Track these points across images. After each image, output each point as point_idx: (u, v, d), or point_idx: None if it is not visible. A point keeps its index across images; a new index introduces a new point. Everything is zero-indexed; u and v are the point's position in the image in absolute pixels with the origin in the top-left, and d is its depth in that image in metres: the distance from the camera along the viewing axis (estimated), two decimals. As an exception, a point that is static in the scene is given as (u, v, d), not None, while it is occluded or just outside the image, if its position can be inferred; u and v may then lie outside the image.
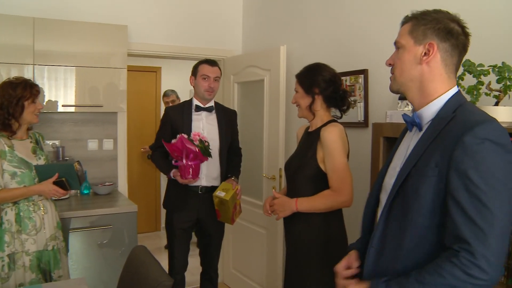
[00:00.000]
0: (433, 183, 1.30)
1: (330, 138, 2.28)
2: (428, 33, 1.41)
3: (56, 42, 3.36)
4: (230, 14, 4.51)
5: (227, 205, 2.99)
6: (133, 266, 2.09)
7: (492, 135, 1.24)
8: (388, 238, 1.42)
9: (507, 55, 2.08)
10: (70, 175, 2.70)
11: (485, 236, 1.19)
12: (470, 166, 1.22)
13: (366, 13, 3.01)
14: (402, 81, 1.47)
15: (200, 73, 3.15)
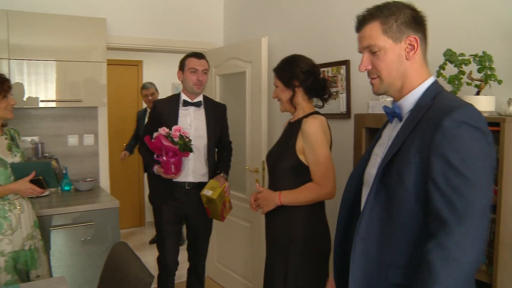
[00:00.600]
0: (415, 169, 1.32)
1: (311, 130, 2.26)
2: (403, 28, 1.41)
3: (33, 36, 3.28)
4: (211, 6, 4.46)
5: (214, 204, 2.97)
6: (113, 263, 2.06)
7: (470, 119, 1.27)
8: (374, 227, 1.42)
9: (487, 44, 2.09)
10: (47, 173, 2.65)
11: (464, 216, 1.22)
12: (450, 149, 1.25)
13: (347, 3, 2.99)
14: (390, 82, 1.46)
15: (188, 67, 3.09)
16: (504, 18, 2.08)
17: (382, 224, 1.40)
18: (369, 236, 1.43)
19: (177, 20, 4.25)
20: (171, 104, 3.17)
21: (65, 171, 3.70)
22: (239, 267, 4.06)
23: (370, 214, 1.43)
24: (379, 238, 1.41)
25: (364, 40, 1.46)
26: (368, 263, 1.43)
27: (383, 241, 1.40)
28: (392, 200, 1.38)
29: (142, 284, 1.75)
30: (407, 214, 1.35)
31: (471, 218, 1.22)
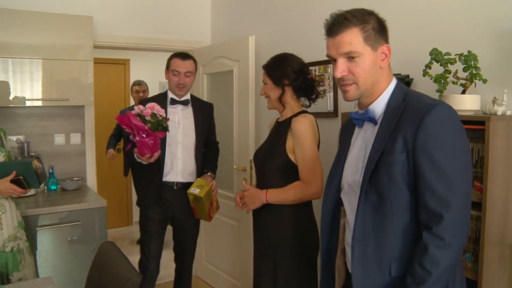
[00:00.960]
0: (402, 166, 1.40)
1: (300, 129, 2.26)
2: (378, 37, 1.47)
3: (18, 34, 3.25)
4: (198, 5, 4.44)
5: (202, 202, 2.92)
6: (101, 263, 2.05)
7: (448, 116, 1.38)
8: (368, 228, 1.47)
9: (473, 44, 2.11)
10: (27, 173, 2.59)
11: (452, 206, 1.34)
12: (434, 146, 1.35)
13: (334, 2, 3.00)
14: (365, 88, 1.50)
15: (171, 68, 3.03)
16: (490, 18, 2.11)
17: (376, 224, 1.45)
18: (365, 237, 1.47)
19: (164, 18, 4.23)
20: (159, 102, 2.99)
21: (51, 171, 3.67)
22: (227, 266, 4.06)
23: (362, 216, 1.47)
24: (375, 237, 1.46)
25: (343, 46, 1.47)
26: (368, 262, 1.47)
27: (380, 240, 1.45)
28: (384, 200, 1.43)
29: (130, 283, 1.74)
30: (401, 209, 1.42)
31: (457, 208, 1.34)
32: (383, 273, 1.45)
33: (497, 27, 2.08)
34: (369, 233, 1.46)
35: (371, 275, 1.47)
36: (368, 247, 1.47)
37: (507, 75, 2.04)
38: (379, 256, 1.45)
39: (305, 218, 2.37)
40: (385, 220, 1.43)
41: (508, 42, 2.05)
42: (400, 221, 1.43)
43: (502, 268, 1.92)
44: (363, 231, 1.47)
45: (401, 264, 1.44)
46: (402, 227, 1.43)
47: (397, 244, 1.44)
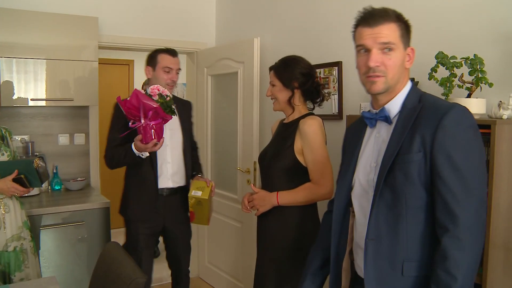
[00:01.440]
0: (419, 166, 1.41)
1: (310, 130, 2.27)
2: (407, 38, 1.52)
3: (23, 34, 3.26)
4: (203, 6, 4.45)
5: (205, 205, 2.81)
6: (105, 263, 2.05)
7: (465, 118, 1.40)
8: (382, 227, 1.48)
9: (479, 47, 2.11)
10: (29, 172, 2.58)
11: (470, 208, 1.35)
12: (452, 146, 1.37)
13: (340, 5, 3.01)
14: (391, 83, 1.52)
15: (162, 65, 2.85)
16: (495, 21, 2.11)
17: (390, 223, 1.46)
18: (379, 236, 1.48)
19: (169, 20, 4.24)
20: None
21: (55, 171, 3.68)
22: (229, 267, 4.06)
23: (377, 215, 1.48)
24: (388, 236, 1.47)
25: (382, 37, 1.48)
26: (381, 261, 1.48)
27: (393, 239, 1.46)
28: (399, 198, 1.44)
29: (135, 284, 1.75)
30: (417, 209, 1.43)
31: (475, 209, 1.36)
32: (396, 272, 1.46)
33: (503, 30, 2.08)
34: (382, 232, 1.47)
35: (384, 274, 1.47)
36: (381, 245, 1.48)
37: (513, 79, 2.04)
38: (392, 254, 1.46)
39: (310, 219, 2.37)
40: (399, 218, 1.44)
41: (514, 46, 2.04)
42: (414, 220, 1.44)
43: (507, 273, 1.92)
44: (377, 229, 1.48)
45: (413, 264, 1.44)
46: (416, 226, 1.44)
47: (410, 244, 1.44)
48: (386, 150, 1.49)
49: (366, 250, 1.50)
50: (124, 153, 2.71)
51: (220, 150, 4.23)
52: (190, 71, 4.58)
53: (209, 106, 4.28)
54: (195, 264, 4.59)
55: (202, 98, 4.34)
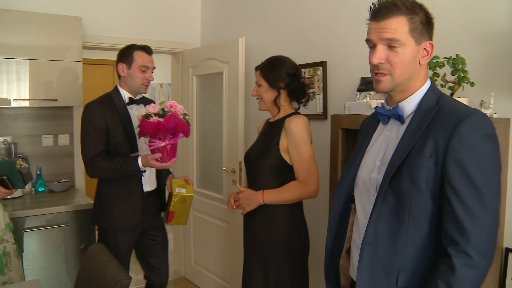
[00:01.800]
0: (428, 172, 1.32)
1: (296, 129, 2.29)
2: (424, 31, 1.39)
3: (5, 33, 3.21)
4: (188, 6, 4.44)
5: (188, 202, 2.77)
6: (90, 265, 2.04)
7: (484, 126, 1.31)
8: (382, 232, 1.40)
9: (461, 47, 2.13)
10: (12, 173, 2.53)
11: (482, 222, 1.26)
12: (467, 155, 1.27)
13: (325, 5, 3.02)
14: (399, 82, 1.42)
15: (138, 63, 2.70)
16: (477, 23, 2.14)
17: (391, 229, 1.39)
18: (377, 241, 1.41)
19: (154, 20, 4.22)
20: (116, 104, 2.72)
21: (39, 172, 3.64)
22: (216, 268, 4.05)
23: (377, 219, 1.41)
24: (387, 242, 1.39)
25: (387, 32, 1.37)
26: (376, 267, 1.41)
27: (392, 246, 1.38)
28: (403, 204, 1.36)
29: (119, 285, 1.74)
30: (421, 217, 1.35)
31: (487, 224, 1.27)
32: (390, 281, 1.39)
33: (485, 31, 2.11)
34: (381, 237, 1.40)
35: (378, 281, 1.41)
36: (378, 251, 1.40)
37: (494, 79, 2.07)
38: (389, 262, 1.39)
39: (297, 218, 2.39)
40: (401, 226, 1.36)
41: (494, 46, 2.08)
42: (416, 229, 1.35)
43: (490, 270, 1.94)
44: (375, 234, 1.41)
45: (410, 275, 1.37)
46: (418, 236, 1.36)
47: (409, 253, 1.36)
48: (395, 151, 1.41)
49: (361, 254, 1.43)
50: (120, 166, 2.58)
51: (205, 150, 4.22)
52: (175, 71, 4.56)
53: (194, 106, 4.27)
54: (181, 264, 4.58)
55: (187, 98, 4.33)
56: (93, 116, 2.65)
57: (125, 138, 2.69)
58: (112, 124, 2.66)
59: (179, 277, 4.57)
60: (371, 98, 2.36)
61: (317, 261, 2.96)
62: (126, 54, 2.75)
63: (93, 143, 2.65)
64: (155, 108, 2.46)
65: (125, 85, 2.78)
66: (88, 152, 2.65)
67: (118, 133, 2.68)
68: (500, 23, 2.05)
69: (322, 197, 2.92)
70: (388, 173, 1.39)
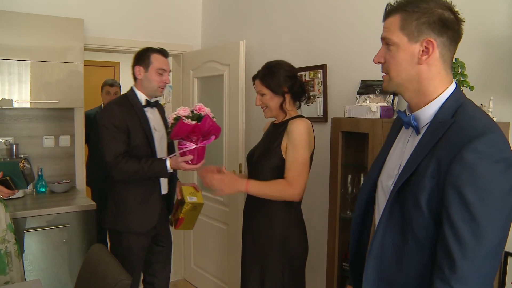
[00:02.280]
0: (430, 194, 1.24)
1: (297, 130, 2.28)
2: (423, 28, 1.28)
3: (8, 35, 3.23)
4: (189, 9, 4.46)
5: (198, 210, 2.79)
6: (91, 265, 2.05)
7: (493, 150, 1.17)
8: (388, 246, 1.35)
9: (460, 51, 2.14)
10: (14, 174, 2.54)
11: (472, 254, 1.16)
12: (467, 183, 1.16)
13: (325, 8, 3.04)
14: (399, 82, 1.35)
15: (155, 66, 2.69)
16: (476, 27, 2.14)
17: (396, 244, 1.33)
18: (383, 255, 1.36)
19: (155, 22, 4.24)
20: (134, 106, 2.71)
21: (40, 173, 3.65)
22: (215, 269, 4.06)
23: (384, 233, 1.36)
24: (393, 257, 1.34)
25: (383, 31, 1.35)
26: (381, 282, 1.37)
27: (397, 261, 1.33)
28: (407, 222, 1.30)
29: (120, 286, 1.75)
30: (425, 238, 1.28)
31: (479, 258, 1.17)
32: None
33: (484, 35, 2.12)
34: (387, 253, 1.35)
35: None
36: (383, 266, 1.36)
37: (493, 83, 2.09)
38: (394, 278, 1.34)
39: (295, 221, 2.39)
40: (405, 244, 1.31)
41: (494, 49, 2.09)
42: (420, 249, 1.29)
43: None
44: (381, 248, 1.36)
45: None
46: (419, 256, 1.29)
47: (411, 272, 1.31)
48: (404, 166, 1.34)
49: (367, 267, 1.39)
50: (148, 167, 2.55)
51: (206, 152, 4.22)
52: (176, 73, 4.58)
53: (195, 108, 4.28)
54: (181, 266, 4.59)
55: (188, 101, 4.35)
56: (114, 116, 2.61)
57: (144, 140, 2.68)
58: (132, 125, 2.63)
59: (178, 279, 4.58)
60: (371, 101, 2.38)
61: (316, 265, 2.97)
62: (143, 57, 2.73)
63: (116, 143, 2.60)
64: (186, 111, 2.43)
65: (141, 88, 2.76)
66: (111, 152, 2.59)
67: (138, 135, 2.66)
68: (499, 27, 2.07)
69: (321, 201, 2.94)
70: (395, 187, 1.33)
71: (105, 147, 2.61)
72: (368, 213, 1.58)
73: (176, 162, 2.52)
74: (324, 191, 2.84)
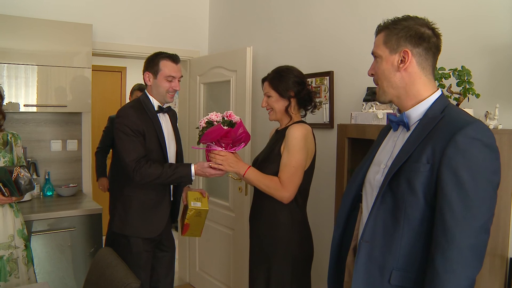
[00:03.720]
0: (425, 178, 1.38)
1: (294, 134, 2.32)
2: (401, 41, 1.49)
3: (16, 40, 3.26)
4: (196, 15, 4.49)
5: (204, 216, 2.75)
6: (98, 268, 2.06)
7: (481, 135, 1.34)
8: (379, 231, 1.48)
9: (467, 59, 2.16)
10: (7, 180, 2.51)
11: (468, 228, 1.30)
12: (461, 163, 1.32)
13: (332, 15, 3.06)
14: (385, 90, 1.54)
15: (165, 73, 2.65)
16: (483, 35, 2.16)
17: (387, 229, 1.46)
18: (373, 239, 1.48)
19: (163, 28, 4.27)
20: (147, 111, 2.68)
21: (47, 176, 3.68)
22: (220, 274, 4.07)
23: (375, 218, 1.49)
24: (383, 242, 1.46)
25: (373, 47, 1.56)
26: (372, 265, 1.48)
27: (387, 245, 1.45)
28: (400, 206, 1.43)
29: (128, 289, 1.76)
30: (415, 220, 1.41)
31: (475, 232, 1.31)
32: (383, 279, 1.45)
33: (490, 43, 2.13)
34: (378, 236, 1.48)
35: (372, 278, 1.48)
36: (374, 249, 1.48)
37: (499, 90, 2.10)
38: (383, 260, 1.45)
39: (300, 224, 2.41)
40: (397, 226, 1.43)
41: (499, 58, 2.10)
42: (410, 231, 1.42)
43: (492, 278, 1.96)
44: (373, 232, 1.49)
45: (402, 274, 1.43)
46: (412, 237, 1.42)
47: (402, 253, 1.43)
48: (396, 155, 1.49)
49: (358, 250, 1.51)
50: (173, 171, 2.52)
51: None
52: (183, 79, 4.55)
53: (201, 114, 4.30)
54: (186, 270, 4.60)
55: (194, 106, 4.37)
56: (130, 119, 2.57)
57: (157, 145, 2.66)
58: (147, 129, 2.60)
59: (183, 283, 4.59)
60: (377, 108, 2.39)
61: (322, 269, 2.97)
62: (152, 63, 2.70)
63: (135, 146, 2.55)
64: (218, 116, 2.43)
65: (151, 93, 2.74)
66: (131, 154, 2.52)
67: (152, 140, 2.63)
68: (504, 36, 2.08)
69: (328, 205, 2.95)
70: (388, 175, 1.47)
71: (124, 150, 2.55)
72: (353, 211, 1.69)
73: (201, 168, 2.50)
74: (331, 196, 2.85)
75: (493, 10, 2.14)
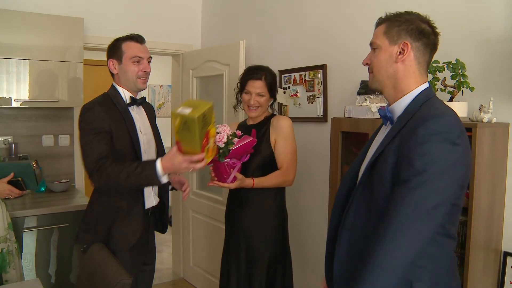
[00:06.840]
0: (391, 168, 1.41)
1: (286, 124, 2.59)
2: (402, 34, 1.50)
3: (7, 34, 3.22)
4: (189, 8, 4.46)
5: (192, 129, 1.87)
6: (90, 265, 2.04)
7: (442, 129, 1.33)
8: (359, 221, 1.53)
9: (461, 53, 2.15)
10: (27, 175, 2.60)
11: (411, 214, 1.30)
12: (416, 154, 1.33)
13: (325, 8, 3.04)
14: (380, 79, 1.55)
15: (129, 55, 2.33)
16: (477, 28, 2.15)
17: (365, 219, 1.51)
18: (354, 228, 1.54)
19: (155, 22, 4.23)
20: (117, 105, 2.34)
21: (39, 172, 3.65)
22: (214, 268, 4.05)
23: (355, 208, 1.54)
24: (362, 231, 1.51)
25: (372, 37, 1.58)
26: (352, 252, 1.53)
27: (366, 234, 1.49)
28: (373, 197, 1.47)
29: (120, 285, 1.74)
30: (383, 209, 1.40)
31: (417, 217, 1.30)
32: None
33: (484, 37, 2.13)
34: (358, 226, 1.52)
35: (352, 265, 1.51)
36: (354, 236, 1.53)
37: (493, 83, 2.09)
38: (363, 249, 1.46)
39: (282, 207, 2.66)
40: (371, 217, 1.48)
41: (494, 51, 2.09)
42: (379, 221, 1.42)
43: (486, 272, 1.96)
44: (353, 222, 1.54)
45: None
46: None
47: None
48: (375, 150, 1.52)
49: (339, 238, 1.56)
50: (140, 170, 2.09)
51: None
52: (176, 73, 4.58)
53: (194, 108, 4.27)
54: (180, 266, 4.59)
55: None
56: (95, 116, 2.23)
57: (129, 144, 2.30)
58: (116, 127, 2.26)
59: (177, 279, 4.58)
60: (371, 101, 2.38)
61: (316, 265, 2.97)
62: (114, 48, 2.38)
63: (97, 145, 2.18)
64: (229, 129, 2.34)
65: (121, 83, 2.41)
66: (92, 155, 2.16)
67: (122, 138, 2.28)
68: (499, 29, 2.07)
69: (322, 199, 2.94)
70: (367, 168, 1.52)
71: (85, 151, 2.21)
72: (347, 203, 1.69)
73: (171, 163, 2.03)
74: (324, 190, 2.84)
75: (487, 3, 2.13)
